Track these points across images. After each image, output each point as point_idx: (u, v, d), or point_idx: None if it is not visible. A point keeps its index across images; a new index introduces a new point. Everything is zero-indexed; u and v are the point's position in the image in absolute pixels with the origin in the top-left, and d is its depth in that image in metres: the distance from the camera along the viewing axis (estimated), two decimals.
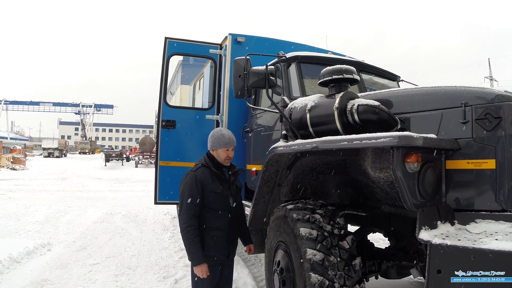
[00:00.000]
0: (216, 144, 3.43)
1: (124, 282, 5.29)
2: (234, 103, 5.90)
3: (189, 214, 3.18)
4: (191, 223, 3.17)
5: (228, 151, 3.47)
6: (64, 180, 22.31)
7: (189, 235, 3.16)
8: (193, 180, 3.26)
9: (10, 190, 16.10)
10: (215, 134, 3.49)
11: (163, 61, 6.26)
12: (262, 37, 6.39)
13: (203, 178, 3.30)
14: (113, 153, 40.56)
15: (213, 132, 3.53)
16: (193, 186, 3.24)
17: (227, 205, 3.43)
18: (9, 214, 10.16)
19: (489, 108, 2.53)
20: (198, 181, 3.26)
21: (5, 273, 5.45)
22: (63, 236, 8.01)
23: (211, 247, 3.30)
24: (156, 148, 6.38)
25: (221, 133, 3.48)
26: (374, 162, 2.76)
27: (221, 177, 3.42)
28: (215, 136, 3.47)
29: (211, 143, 3.46)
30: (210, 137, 3.50)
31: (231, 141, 3.48)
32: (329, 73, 3.42)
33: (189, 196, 3.21)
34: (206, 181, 3.30)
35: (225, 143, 3.43)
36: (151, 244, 7.42)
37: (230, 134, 3.54)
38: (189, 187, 3.25)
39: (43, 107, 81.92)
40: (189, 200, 3.21)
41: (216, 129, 3.58)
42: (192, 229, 3.16)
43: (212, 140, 3.45)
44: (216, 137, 3.45)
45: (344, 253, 3.01)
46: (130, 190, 17.82)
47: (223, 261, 3.43)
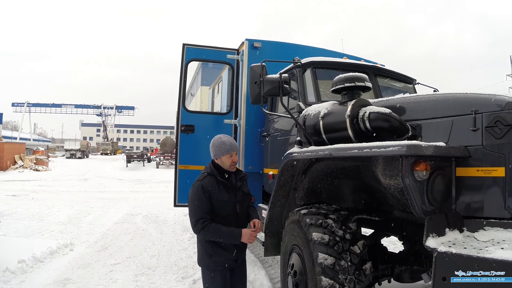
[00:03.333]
0: (219, 152, 3.42)
1: (144, 282, 5.44)
2: (252, 107, 6.00)
3: (202, 223, 3.19)
4: (205, 225, 3.18)
5: (232, 156, 3.45)
6: (86, 181, 22.77)
7: (212, 230, 3.19)
8: (200, 190, 3.26)
9: (33, 191, 16.51)
10: (215, 142, 3.47)
11: (182, 67, 6.39)
12: (278, 42, 6.48)
13: (209, 186, 3.29)
14: (134, 154, 41.10)
15: (213, 141, 3.50)
16: (201, 196, 3.24)
17: (234, 211, 3.42)
18: (33, 215, 10.45)
19: (499, 116, 2.53)
20: (205, 190, 3.26)
21: (28, 272, 5.65)
22: (85, 236, 8.22)
23: (219, 252, 3.33)
24: (176, 152, 6.52)
25: (221, 141, 3.46)
26: (385, 170, 2.82)
27: (227, 185, 3.42)
28: (216, 144, 3.45)
29: (213, 152, 3.45)
30: (211, 146, 3.49)
31: (232, 147, 3.46)
32: (341, 81, 3.48)
33: (198, 205, 3.24)
34: (213, 189, 3.30)
35: (227, 149, 3.42)
36: (171, 245, 7.57)
37: (230, 139, 3.53)
38: (197, 196, 3.25)
39: (65, 109, 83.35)
40: (197, 209, 3.24)
41: (215, 138, 3.54)
42: (208, 223, 3.19)
43: (214, 149, 3.44)
44: (217, 145, 3.43)
45: (355, 258, 3.07)
46: (151, 191, 18.06)
47: (232, 266, 3.43)
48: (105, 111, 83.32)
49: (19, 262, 5.72)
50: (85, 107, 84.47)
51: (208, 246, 3.33)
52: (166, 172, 30.23)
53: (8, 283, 5.11)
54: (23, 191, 16.04)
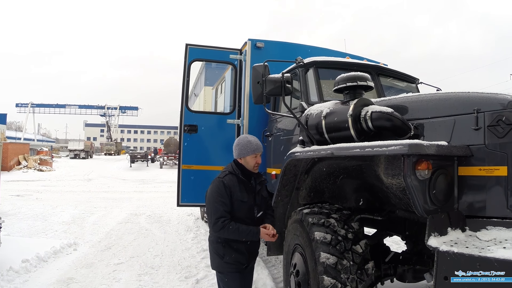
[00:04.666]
0: (244, 152, 3.36)
1: (147, 281, 5.46)
2: (255, 107, 5.99)
3: (222, 221, 3.11)
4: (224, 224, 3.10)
5: (257, 157, 3.41)
6: (90, 181, 22.84)
7: (231, 229, 3.11)
8: (222, 186, 3.20)
9: (37, 191, 16.61)
10: (241, 141, 3.41)
11: (185, 67, 6.40)
12: (281, 42, 6.48)
13: (231, 185, 3.23)
14: (138, 154, 41.19)
15: (239, 140, 3.46)
16: (223, 193, 3.18)
17: (251, 215, 3.37)
18: (37, 215, 10.51)
19: (502, 115, 2.53)
20: (226, 187, 3.20)
21: (32, 271, 5.69)
22: (89, 236, 8.26)
23: (232, 255, 3.26)
24: (179, 152, 6.54)
25: (247, 140, 3.41)
26: (387, 169, 2.82)
27: (248, 185, 3.37)
28: (242, 143, 3.39)
29: (238, 151, 3.39)
30: (236, 145, 3.42)
31: (258, 147, 3.42)
32: (343, 80, 3.49)
33: (219, 202, 3.16)
34: (234, 188, 3.24)
35: (253, 149, 3.37)
36: (174, 245, 7.59)
37: (257, 140, 3.47)
38: (218, 193, 3.19)
39: (69, 109, 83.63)
40: (218, 206, 3.16)
41: (241, 137, 3.51)
42: (228, 223, 3.11)
43: (239, 148, 3.38)
44: (243, 144, 3.37)
45: (357, 257, 3.07)
46: (155, 191, 18.12)
47: (242, 270, 3.36)
48: (108, 111, 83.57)
49: (23, 262, 5.75)
50: (89, 108, 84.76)
51: (220, 247, 3.28)
52: (170, 172, 30.29)
53: (12, 282, 5.13)
54: (27, 191, 16.12)
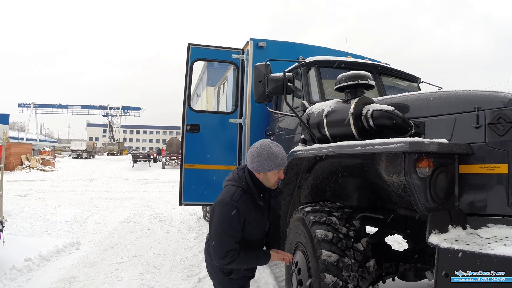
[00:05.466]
0: (267, 166, 2.66)
1: (150, 280, 5.48)
2: (257, 107, 6.02)
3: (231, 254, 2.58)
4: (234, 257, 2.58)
5: (280, 172, 2.77)
6: (92, 181, 22.88)
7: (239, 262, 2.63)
8: (235, 214, 2.58)
9: (40, 190, 16.64)
10: (263, 152, 2.66)
11: (187, 67, 6.43)
12: (283, 41, 6.51)
13: (245, 211, 2.63)
14: (140, 154, 41.24)
15: (259, 150, 2.68)
16: (235, 222, 2.59)
17: (263, 236, 2.95)
18: (39, 214, 10.54)
19: (502, 113, 2.53)
20: (240, 214, 2.60)
21: (35, 270, 5.71)
22: (91, 235, 8.29)
23: (240, 270, 2.81)
24: (181, 151, 6.56)
25: (271, 151, 2.66)
26: (388, 167, 2.83)
27: (263, 207, 2.84)
28: (264, 155, 2.65)
29: (257, 164, 2.67)
30: (255, 156, 2.68)
31: (284, 161, 2.75)
32: (345, 79, 3.50)
33: (230, 234, 2.59)
34: (248, 213, 2.65)
35: (278, 164, 2.69)
36: (176, 244, 7.62)
37: (282, 150, 2.76)
38: (229, 223, 2.58)
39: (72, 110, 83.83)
40: (229, 238, 2.58)
41: (261, 146, 2.70)
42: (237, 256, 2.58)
43: (260, 161, 2.66)
44: (267, 157, 2.65)
45: (358, 255, 3.08)
46: (157, 191, 18.15)
47: (246, 282, 2.99)
48: (111, 111, 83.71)
49: (25, 261, 5.78)
50: (91, 108, 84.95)
51: None
52: (172, 172, 30.33)
53: (14, 281, 5.16)
54: (30, 191, 16.15)
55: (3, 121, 41.04)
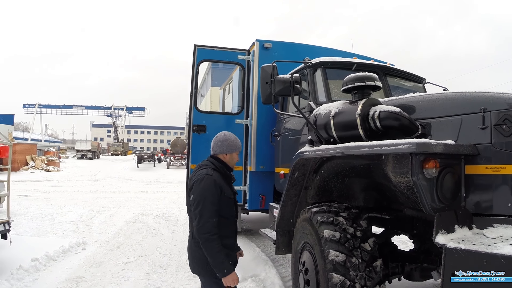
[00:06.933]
0: (233, 148, 3.29)
1: (156, 280, 5.52)
2: (263, 108, 6.06)
3: (212, 223, 2.91)
4: (215, 231, 2.90)
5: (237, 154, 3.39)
6: (97, 181, 23.03)
7: (214, 245, 2.89)
8: (213, 185, 3.01)
9: (45, 191, 16.78)
10: (229, 137, 3.33)
11: (193, 68, 6.47)
12: (288, 42, 6.54)
13: (220, 183, 3.08)
14: (145, 155, 41.32)
15: (225, 136, 3.33)
16: (214, 192, 3.00)
17: (234, 212, 3.30)
18: (45, 214, 10.63)
19: (508, 114, 2.56)
20: (217, 185, 3.04)
21: (42, 270, 5.77)
22: (97, 235, 8.35)
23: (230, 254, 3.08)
24: (188, 152, 6.60)
25: (234, 137, 3.37)
26: (395, 168, 2.86)
27: (230, 182, 3.31)
28: (230, 139, 3.31)
29: (225, 147, 3.27)
30: (224, 140, 3.29)
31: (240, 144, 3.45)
32: (352, 80, 3.53)
33: (211, 202, 2.96)
34: (222, 185, 3.10)
35: (238, 146, 3.36)
36: (182, 244, 7.61)
37: None
38: (210, 192, 2.99)
39: (76, 110, 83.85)
40: (211, 206, 2.95)
41: (225, 133, 3.38)
42: (216, 238, 2.90)
43: (228, 144, 3.28)
44: (232, 141, 3.30)
45: (365, 255, 3.11)
46: (162, 191, 18.24)
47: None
48: (115, 112, 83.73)
49: (32, 261, 5.83)
50: (96, 108, 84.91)
51: None
52: (177, 172, 30.40)
53: (21, 281, 5.22)
54: (35, 191, 16.29)
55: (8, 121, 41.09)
